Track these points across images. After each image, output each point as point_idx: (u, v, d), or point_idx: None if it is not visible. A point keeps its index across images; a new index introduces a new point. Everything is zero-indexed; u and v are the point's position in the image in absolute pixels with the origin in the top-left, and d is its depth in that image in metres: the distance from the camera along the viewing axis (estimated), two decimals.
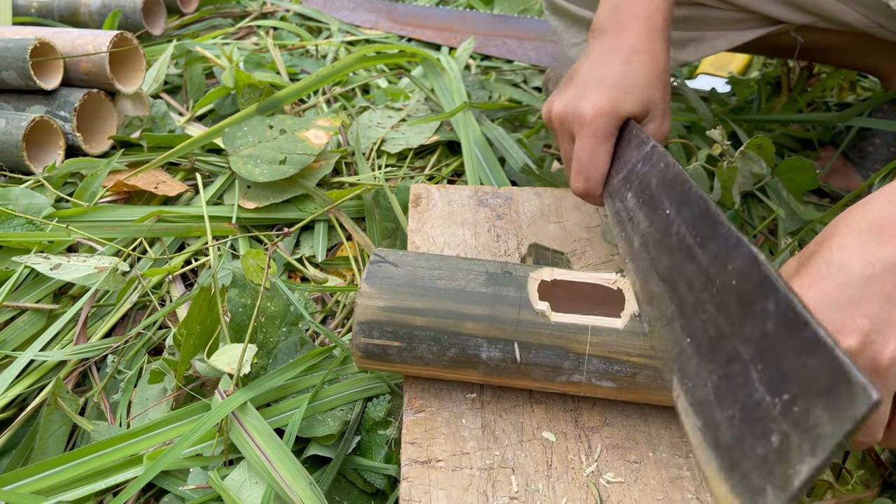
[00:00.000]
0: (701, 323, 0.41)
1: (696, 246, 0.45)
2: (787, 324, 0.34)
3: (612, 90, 0.65)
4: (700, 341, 0.40)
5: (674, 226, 0.49)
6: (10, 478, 0.58)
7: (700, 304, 0.42)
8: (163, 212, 0.90)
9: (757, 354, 0.35)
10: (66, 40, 1.06)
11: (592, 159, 0.65)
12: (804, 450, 0.30)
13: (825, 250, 0.48)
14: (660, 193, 0.53)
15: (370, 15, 1.67)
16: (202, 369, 0.69)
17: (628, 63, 0.67)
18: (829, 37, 0.93)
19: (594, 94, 0.65)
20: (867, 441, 0.48)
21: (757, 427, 0.33)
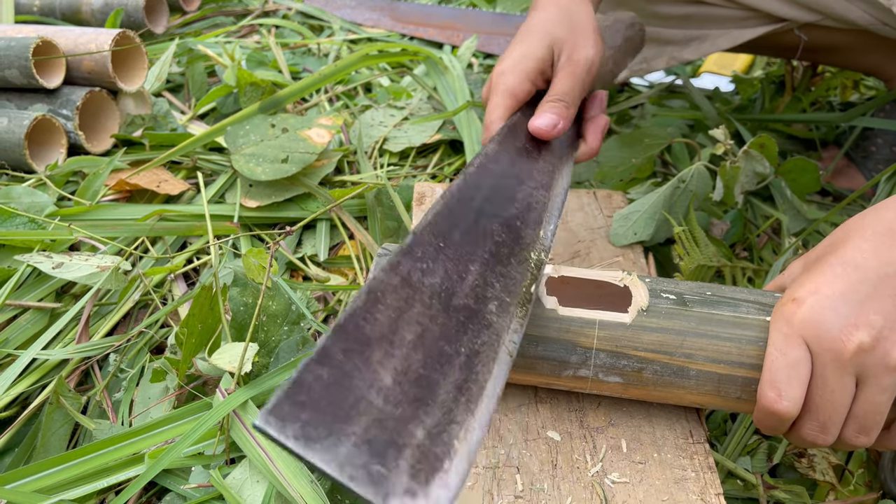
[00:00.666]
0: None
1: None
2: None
3: (504, 62, 0.67)
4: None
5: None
6: (13, 476, 0.58)
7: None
8: (165, 210, 0.90)
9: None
10: (69, 39, 1.06)
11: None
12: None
13: (840, 251, 0.49)
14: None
15: (372, 13, 1.67)
16: (204, 368, 0.69)
17: (523, 35, 0.69)
18: (833, 35, 0.93)
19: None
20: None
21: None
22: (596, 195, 0.85)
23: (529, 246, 0.51)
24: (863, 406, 0.47)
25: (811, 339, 0.46)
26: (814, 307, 0.47)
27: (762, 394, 0.48)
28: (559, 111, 0.65)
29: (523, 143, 0.63)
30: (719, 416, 0.69)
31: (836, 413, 0.47)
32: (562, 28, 0.68)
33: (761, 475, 0.63)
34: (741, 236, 0.91)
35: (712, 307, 0.53)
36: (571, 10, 0.70)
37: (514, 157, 0.60)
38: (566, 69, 0.67)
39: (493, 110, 0.66)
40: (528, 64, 0.67)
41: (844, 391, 0.46)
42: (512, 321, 0.44)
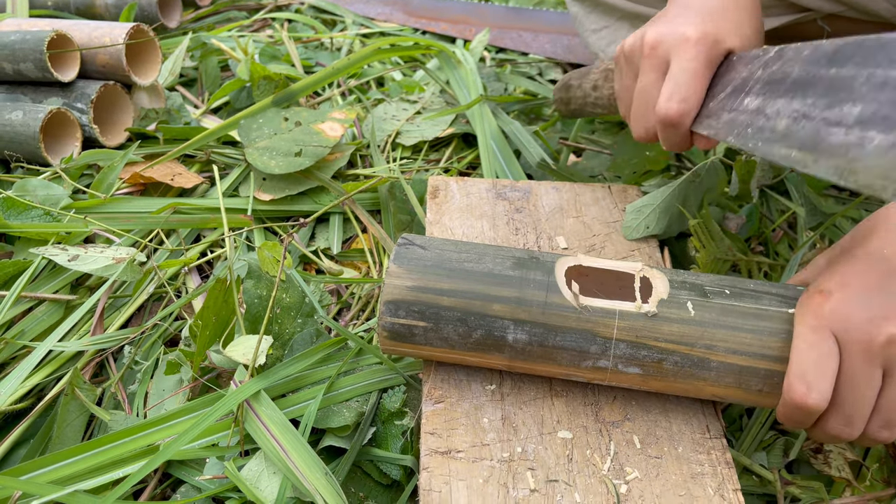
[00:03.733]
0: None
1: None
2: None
3: (718, 20, 0.60)
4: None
5: (860, 77, 0.43)
6: (29, 467, 0.59)
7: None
8: (179, 203, 0.90)
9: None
10: (83, 32, 1.07)
11: (693, 80, 0.58)
12: None
13: (866, 243, 0.48)
14: (814, 69, 0.47)
15: (384, 7, 1.67)
16: (218, 360, 0.69)
17: (732, 6, 0.62)
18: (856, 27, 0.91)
19: (698, 20, 0.60)
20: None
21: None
22: (611, 189, 0.84)
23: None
24: (889, 400, 0.46)
25: (840, 331, 0.46)
26: (842, 300, 0.46)
27: (791, 387, 0.47)
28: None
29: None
30: (735, 411, 0.69)
31: (862, 407, 0.46)
32: (756, 45, 0.65)
33: (778, 471, 0.62)
34: (756, 231, 0.90)
35: (733, 299, 0.53)
36: (760, 17, 0.67)
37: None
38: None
39: (699, 78, 0.60)
40: (729, 45, 0.61)
41: (872, 384, 0.46)
42: None
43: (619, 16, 1.02)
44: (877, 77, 0.41)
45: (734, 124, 0.53)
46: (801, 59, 0.48)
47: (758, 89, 0.52)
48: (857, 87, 0.42)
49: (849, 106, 0.42)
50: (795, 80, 0.48)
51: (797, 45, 0.50)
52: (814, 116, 0.44)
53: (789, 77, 0.49)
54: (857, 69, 0.43)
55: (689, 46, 0.58)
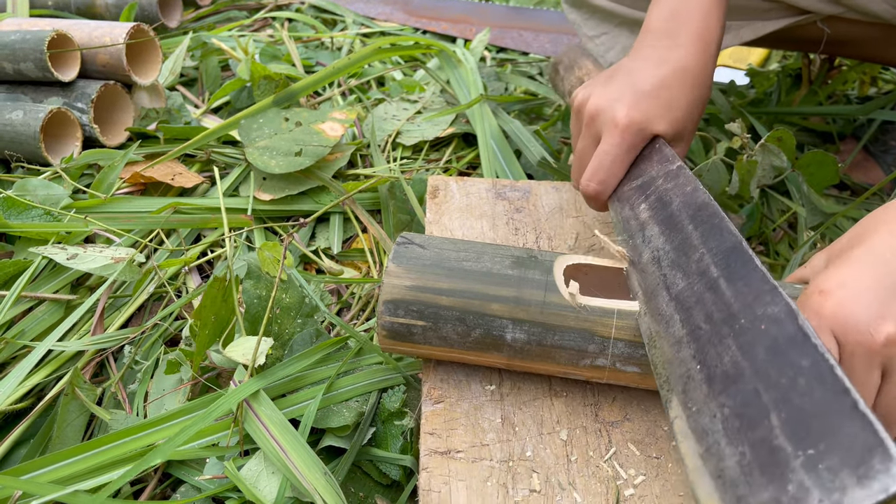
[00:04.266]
0: (716, 356, 0.42)
1: (722, 279, 0.45)
2: (822, 384, 0.35)
3: (650, 104, 0.65)
4: (713, 373, 0.41)
5: (696, 252, 0.49)
6: (29, 467, 0.58)
7: (718, 337, 0.42)
8: (179, 203, 0.90)
9: (781, 402, 0.36)
10: (84, 32, 1.07)
11: (613, 165, 0.65)
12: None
13: (866, 243, 0.48)
14: (682, 215, 0.54)
15: (385, 7, 1.67)
16: (218, 360, 0.69)
17: (674, 81, 0.66)
18: (855, 28, 0.91)
19: (632, 102, 0.64)
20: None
21: (772, 471, 0.33)
22: None
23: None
24: (888, 400, 0.46)
25: (839, 331, 0.46)
26: (842, 299, 0.46)
27: None
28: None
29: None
30: None
31: None
32: (692, 121, 0.69)
33: None
34: (757, 230, 0.90)
35: None
36: (705, 88, 0.70)
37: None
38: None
39: (618, 164, 0.66)
40: (654, 131, 0.67)
41: (871, 384, 0.46)
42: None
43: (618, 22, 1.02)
44: (704, 262, 0.48)
45: (627, 227, 0.60)
46: (682, 195, 0.56)
47: (652, 201, 0.59)
48: (693, 259, 0.49)
49: (680, 276, 0.49)
50: (671, 214, 0.55)
51: (687, 176, 0.58)
52: (663, 266, 0.52)
53: (670, 206, 0.56)
54: (700, 241, 0.50)
55: (616, 132, 0.64)
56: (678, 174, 0.59)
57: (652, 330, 0.49)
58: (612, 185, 0.66)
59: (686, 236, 0.51)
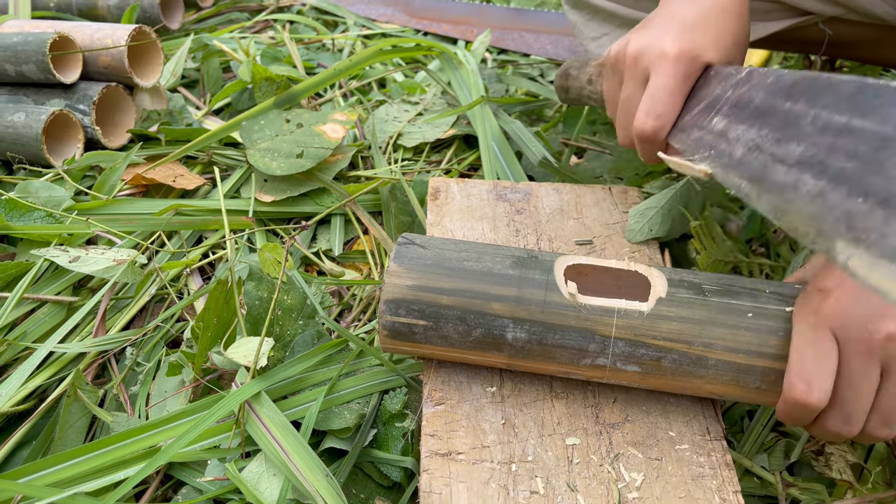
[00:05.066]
0: (883, 181, 0.37)
1: (856, 118, 0.40)
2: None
3: (697, 34, 0.62)
4: (885, 197, 0.36)
5: (808, 115, 0.44)
6: (30, 469, 0.59)
7: (875, 163, 0.38)
8: (181, 205, 0.90)
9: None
10: (85, 34, 1.07)
11: (670, 98, 0.61)
12: None
13: None
14: (772, 99, 0.49)
15: (386, 8, 1.67)
16: (219, 362, 0.69)
17: (715, 14, 0.63)
18: (857, 30, 0.91)
19: (678, 33, 0.61)
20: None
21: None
22: (611, 191, 0.84)
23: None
24: (887, 397, 0.47)
25: (839, 329, 0.46)
26: (841, 298, 0.47)
27: (791, 385, 0.48)
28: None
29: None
30: (736, 412, 0.69)
31: (861, 404, 0.47)
32: (738, 57, 0.67)
33: (779, 473, 0.62)
34: (758, 232, 0.90)
35: (731, 297, 0.53)
36: (745, 28, 0.67)
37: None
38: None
39: (675, 95, 0.62)
40: (707, 59, 0.63)
41: (870, 382, 0.46)
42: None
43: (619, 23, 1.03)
44: (821, 119, 0.41)
45: (701, 143, 0.54)
46: (764, 87, 0.50)
47: (726, 110, 0.53)
48: (803, 125, 0.42)
49: (794, 144, 0.42)
50: (757, 107, 0.49)
51: (765, 71, 0.51)
52: (765, 149, 0.45)
53: (752, 103, 0.50)
54: (807, 107, 0.43)
55: (668, 63, 0.60)
56: (751, 76, 0.53)
57: (776, 206, 0.42)
58: (670, 119, 0.61)
59: (787, 112, 0.46)
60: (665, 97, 0.61)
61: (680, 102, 0.61)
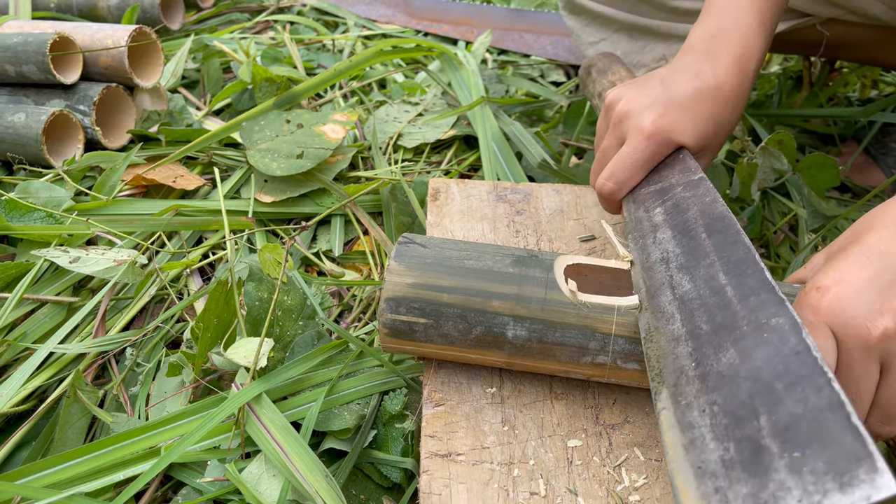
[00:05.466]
0: (714, 356, 0.42)
1: (730, 287, 0.46)
2: (817, 393, 0.35)
3: (679, 115, 0.65)
4: (708, 371, 0.42)
5: (707, 258, 0.50)
6: (30, 469, 0.59)
7: (718, 339, 0.43)
8: (180, 206, 0.90)
9: (773, 405, 0.36)
10: (86, 35, 1.07)
11: (632, 168, 0.65)
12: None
13: (863, 240, 0.49)
14: (698, 223, 0.54)
15: (386, 9, 1.67)
16: (219, 362, 0.69)
17: (707, 96, 0.66)
18: (855, 31, 0.92)
19: (661, 110, 0.64)
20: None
21: (754, 468, 0.34)
22: None
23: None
24: (887, 394, 0.47)
25: (837, 326, 0.47)
26: (839, 295, 0.47)
27: None
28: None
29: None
30: None
31: (861, 401, 0.47)
32: (720, 137, 0.70)
33: None
34: (758, 233, 0.90)
35: None
36: (737, 111, 0.70)
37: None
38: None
39: (638, 168, 0.67)
40: (680, 142, 0.67)
41: (869, 379, 0.46)
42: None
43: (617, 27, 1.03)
44: (712, 269, 0.49)
45: (639, 226, 0.61)
46: (699, 204, 0.57)
47: (668, 206, 0.60)
48: (700, 266, 0.50)
49: (687, 279, 0.49)
50: (685, 222, 0.56)
51: (709, 187, 0.58)
52: (669, 268, 0.52)
53: (684, 216, 0.56)
54: (711, 249, 0.51)
55: (642, 138, 0.64)
56: (699, 184, 0.59)
57: (651, 325, 0.49)
58: (628, 186, 0.66)
59: (699, 243, 0.52)
60: (629, 167, 0.65)
61: (641, 174, 0.66)
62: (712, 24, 0.71)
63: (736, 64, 0.68)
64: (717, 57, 0.68)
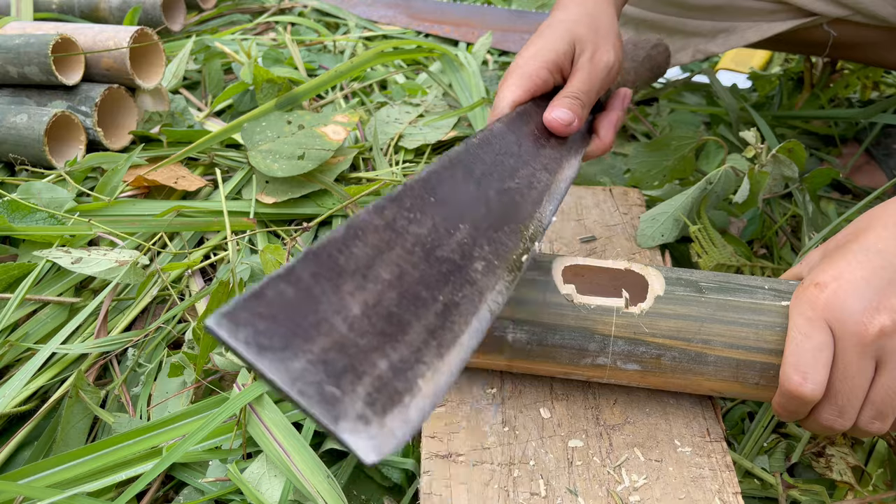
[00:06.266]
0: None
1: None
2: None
3: (523, 53, 0.66)
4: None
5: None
6: (32, 469, 0.59)
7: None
8: (182, 206, 0.91)
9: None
10: (88, 36, 1.07)
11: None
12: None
13: (861, 238, 0.49)
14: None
15: (387, 10, 1.67)
16: (221, 363, 0.69)
17: (545, 30, 0.67)
18: (861, 32, 0.92)
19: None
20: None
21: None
22: (612, 192, 0.85)
23: (525, 219, 0.51)
24: (880, 391, 0.47)
25: (834, 322, 0.47)
26: (837, 291, 0.47)
27: (786, 377, 0.48)
28: (575, 108, 0.64)
29: (532, 129, 0.62)
30: (736, 414, 0.69)
31: (854, 397, 0.47)
32: (584, 28, 0.68)
33: (780, 474, 0.62)
34: (759, 233, 0.90)
35: (728, 294, 0.53)
36: (595, 13, 0.69)
37: (520, 138, 0.59)
38: (585, 68, 0.66)
39: (505, 91, 0.64)
40: (547, 55, 0.66)
41: (864, 375, 0.47)
42: (498, 283, 0.43)
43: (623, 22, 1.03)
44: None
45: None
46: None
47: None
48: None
49: None
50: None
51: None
52: None
53: None
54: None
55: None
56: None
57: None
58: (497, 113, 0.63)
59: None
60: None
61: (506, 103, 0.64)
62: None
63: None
64: (566, 4, 0.70)
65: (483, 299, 0.41)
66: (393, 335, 0.34)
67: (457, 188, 0.48)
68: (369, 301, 0.35)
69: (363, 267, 0.36)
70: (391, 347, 0.34)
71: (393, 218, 0.41)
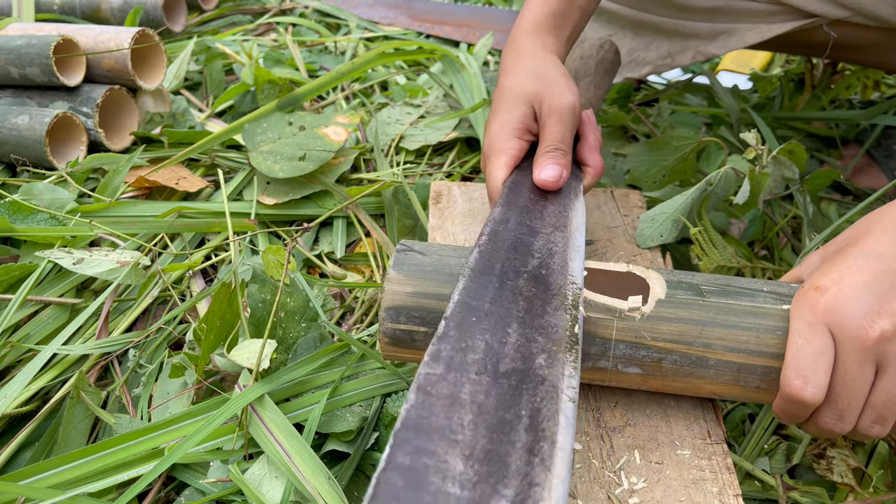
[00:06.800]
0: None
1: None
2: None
3: (490, 132, 0.71)
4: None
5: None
6: (33, 470, 0.59)
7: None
8: (183, 207, 0.91)
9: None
10: (89, 37, 1.07)
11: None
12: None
13: (862, 242, 0.49)
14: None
15: (388, 11, 1.67)
16: (222, 364, 0.69)
17: (499, 101, 0.72)
18: (861, 33, 0.92)
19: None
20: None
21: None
22: (613, 194, 0.85)
23: (561, 288, 0.51)
24: (880, 395, 0.47)
25: (834, 326, 0.47)
26: (837, 295, 0.47)
27: (787, 381, 0.48)
28: (558, 160, 0.66)
29: (528, 196, 0.65)
30: (737, 416, 0.69)
31: (854, 401, 0.47)
32: (533, 85, 0.70)
33: (780, 476, 0.62)
34: (760, 234, 0.90)
35: (729, 297, 0.53)
36: (536, 68, 0.71)
37: (522, 212, 0.62)
38: (552, 118, 0.68)
39: (494, 173, 0.67)
40: (512, 123, 0.69)
41: (864, 379, 0.47)
42: (565, 367, 0.43)
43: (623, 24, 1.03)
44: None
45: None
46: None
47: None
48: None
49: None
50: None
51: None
52: None
53: None
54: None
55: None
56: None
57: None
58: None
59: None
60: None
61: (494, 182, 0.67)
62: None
63: (513, 51, 0.76)
64: (506, 71, 0.74)
65: (559, 391, 0.42)
66: (499, 472, 0.35)
67: (488, 294, 0.49)
68: (465, 451, 0.36)
69: (446, 420, 0.37)
70: (503, 485, 0.34)
71: (449, 357, 0.42)
